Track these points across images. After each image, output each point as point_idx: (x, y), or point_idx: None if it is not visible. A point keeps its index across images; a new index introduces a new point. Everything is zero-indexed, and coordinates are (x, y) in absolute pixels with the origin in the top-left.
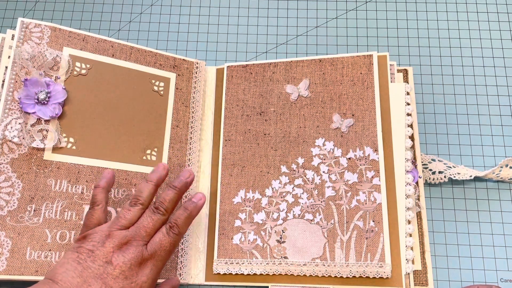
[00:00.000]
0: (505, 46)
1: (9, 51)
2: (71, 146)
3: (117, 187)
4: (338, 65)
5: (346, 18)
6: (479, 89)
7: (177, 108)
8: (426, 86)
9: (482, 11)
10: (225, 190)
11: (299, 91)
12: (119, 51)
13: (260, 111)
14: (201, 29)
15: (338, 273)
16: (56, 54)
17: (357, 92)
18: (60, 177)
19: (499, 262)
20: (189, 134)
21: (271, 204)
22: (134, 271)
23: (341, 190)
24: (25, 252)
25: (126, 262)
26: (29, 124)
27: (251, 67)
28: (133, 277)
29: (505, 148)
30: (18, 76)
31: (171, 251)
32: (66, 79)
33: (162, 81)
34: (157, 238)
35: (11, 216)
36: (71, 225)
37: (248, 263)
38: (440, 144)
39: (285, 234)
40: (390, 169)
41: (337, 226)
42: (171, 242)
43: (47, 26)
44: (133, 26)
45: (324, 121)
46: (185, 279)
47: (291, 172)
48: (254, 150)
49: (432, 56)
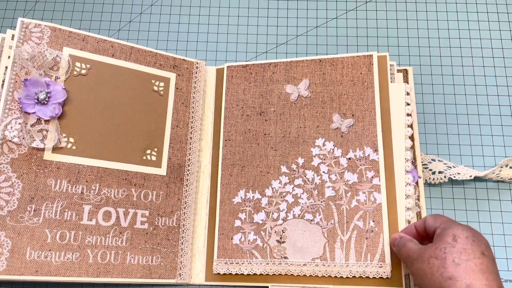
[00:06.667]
0: (505, 46)
1: (9, 51)
2: (71, 146)
3: (117, 187)
4: (338, 65)
5: (346, 18)
6: (479, 89)
7: (177, 108)
8: (426, 86)
9: (482, 11)
10: (225, 190)
11: (299, 91)
12: (119, 51)
13: (260, 111)
14: (201, 29)
15: (338, 273)
16: (56, 54)
17: (357, 92)
18: (60, 177)
19: (499, 262)
20: (189, 134)
21: (271, 204)
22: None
23: (341, 190)
24: (25, 252)
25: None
26: (29, 124)
27: (251, 67)
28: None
29: (505, 148)
30: (18, 76)
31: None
32: (66, 79)
33: (162, 81)
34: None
35: (11, 216)
36: (71, 225)
37: (248, 263)
38: (440, 144)
39: (285, 234)
40: (390, 169)
41: (337, 226)
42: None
43: (47, 26)
44: (133, 26)
45: (324, 121)
46: (185, 279)
47: (291, 172)
48: (254, 150)
49: (432, 56)
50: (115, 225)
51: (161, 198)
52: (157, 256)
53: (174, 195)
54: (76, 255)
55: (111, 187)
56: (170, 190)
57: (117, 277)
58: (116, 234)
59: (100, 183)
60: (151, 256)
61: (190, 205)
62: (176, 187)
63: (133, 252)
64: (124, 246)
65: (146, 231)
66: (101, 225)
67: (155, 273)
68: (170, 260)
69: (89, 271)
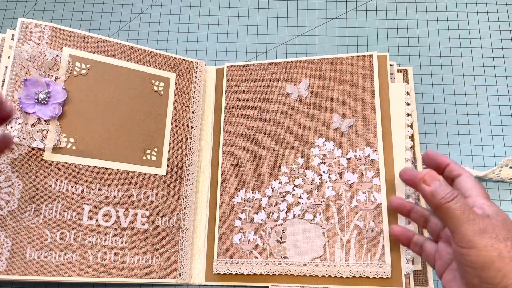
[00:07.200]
0: (505, 46)
1: (9, 51)
2: (71, 146)
3: (117, 187)
4: (338, 65)
5: (346, 18)
6: (479, 89)
7: (177, 108)
8: (426, 86)
9: (482, 11)
10: (225, 190)
11: (299, 91)
12: (119, 51)
13: (260, 111)
14: (201, 29)
15: (338, 273)
16: (56, 54)
17: (357, 92)
18: (60, 177)
19: None
20: (189, 134)
21: (271, 204)
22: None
23: (341, 190)
24: (25, 252)
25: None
26: (29, 124)
27: (251, 67)
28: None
29: (505, 148)
30: (18, 76)
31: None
32: (66, 79)
33: (162, 81)
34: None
35: (11, 216)
36: (71, 225)
37: (248, 263)
38: (440, 144)
39: (285, 234)
40: (390, 169)
41: (337, 226)
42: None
43: (47, 26)
44: (133, 26)
45: (324, 121)
46: (185, 279)
47: (291, 172)
48: (254, 150)
49: (432, 56)
50: (115, 225)
51: (161, 198)
52: (157, 256)
53: (174, 195)
54: (76, 255)
55: (111, 187)
56: (170, 190)
57: (117, 277)
58: (116, 234)
59: (100, 183)
60: (151, 256)
61: (190, 205)
62: (176, 187)
63: (133, 252)
64: (124, 246)
65: (146, 231)
66: (101, 225)
67: (155, 273)
68: (170, 260)
69: (89, 271)
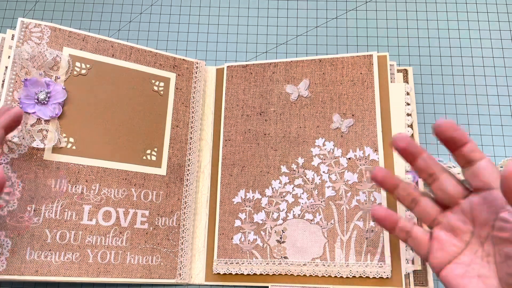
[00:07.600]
0: (505, 46)
1: (9, 51)
2: (71, 146)
3: (117, 187)
4: (338, 65)
5: (346, 18)
6: (479, 89)
7: (177, 108)
8: (426, 86)
9: (482, 11)
10: (225, 190)
11: (299, 91)
12: (119, 51)
13: (260, 111)
14: (201, 29)
15: (338, 273)
16: (56, 54)
17: (357, 92)
18: (60, 177)
19: None
20: (189, 134)
21: (271, 204)
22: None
23: (341, 190)
24: (25, 252)
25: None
26: (29, 124)
27: (251, 67)
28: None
29: (505, 148)
30: (18, 76)
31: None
32: (66, 79)
33: (162, 81)
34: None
35: (11, 216)
36: (71, 225)
37: (248, 263)
38: (440, 144)
39: (285, 234)
40: (390, 169)
41: (337, 226)
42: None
43: (47, 26)
44: (133, 26)
45: (324, 121)
46: (185, 279)
47: (291, 172)
48: (254, 150)
49: (432, 56)
50: (115, 225)
51: (161, 198)
52: (157, 256)
53: (174, 195)
54: (76, 255)
55: (111, 187)
56: (170, 190)
57: (117, 277)
58: (116, 234)
59: (100, 183)
60: (151, 256)
61: (190, 205)
62: (176, 187)
63: (133, 252)
64: (124, 246)
65: (146, 231)
66: (101, 225)
67: (155, 273)
68: (170, 260)
69: (89, 271)
